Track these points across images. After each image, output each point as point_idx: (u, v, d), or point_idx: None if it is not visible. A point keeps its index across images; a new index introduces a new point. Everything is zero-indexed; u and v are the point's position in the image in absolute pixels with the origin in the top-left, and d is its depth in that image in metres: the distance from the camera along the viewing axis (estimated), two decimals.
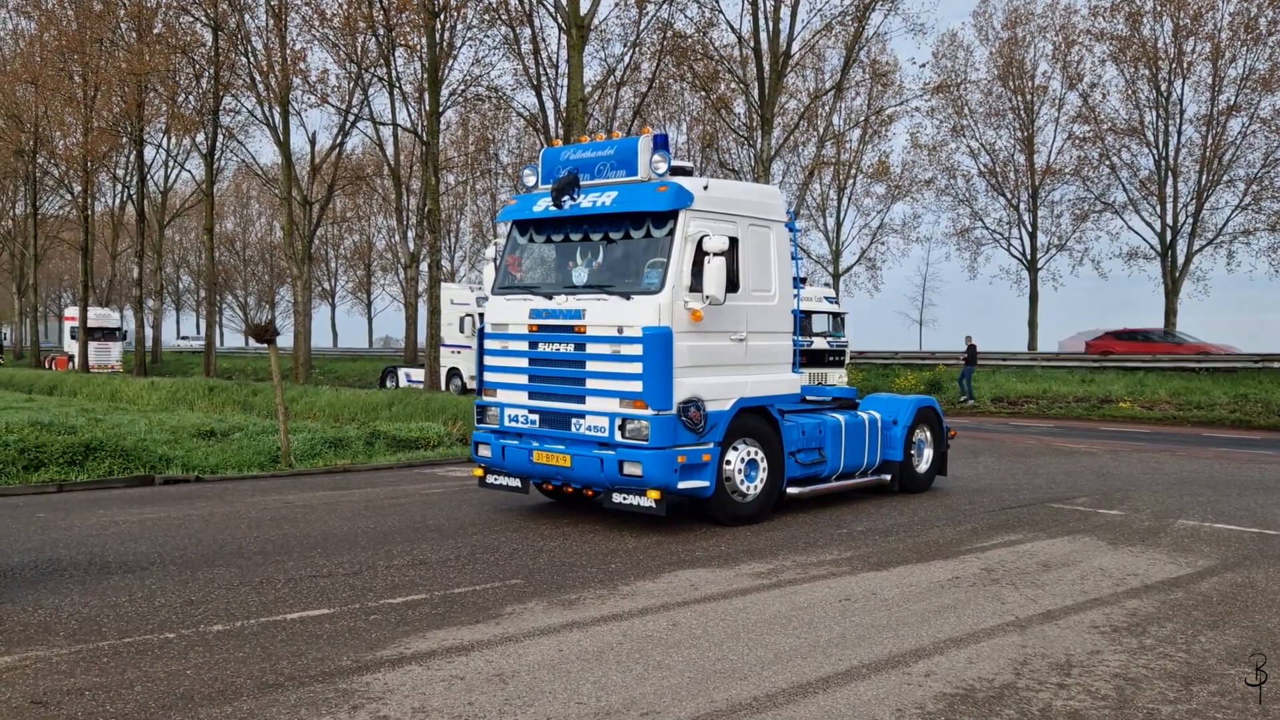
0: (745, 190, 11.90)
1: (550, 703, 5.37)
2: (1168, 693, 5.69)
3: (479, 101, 37.15)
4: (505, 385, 10.81)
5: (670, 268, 9.75)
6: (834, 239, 49.90)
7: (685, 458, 9.73)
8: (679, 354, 9.71)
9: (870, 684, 5.73)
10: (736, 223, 10.41)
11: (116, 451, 13.75)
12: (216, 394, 26.11)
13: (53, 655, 6.04)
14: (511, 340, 10.73)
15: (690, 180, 10.10)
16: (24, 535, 9.55)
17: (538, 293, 10.58)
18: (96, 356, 46.48)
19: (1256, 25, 37.44)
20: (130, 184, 46.38)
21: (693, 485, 9.85)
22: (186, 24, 37.41)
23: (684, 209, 9.86)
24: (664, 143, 10.31)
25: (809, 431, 11.37)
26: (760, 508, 10.66)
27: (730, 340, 10.32)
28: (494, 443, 10.86)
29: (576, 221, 10.44)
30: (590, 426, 9.99)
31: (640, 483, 9.64)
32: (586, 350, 10.05)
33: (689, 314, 9.79)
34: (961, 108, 45.67)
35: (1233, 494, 13.34)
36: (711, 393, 10.02)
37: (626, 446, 9.70)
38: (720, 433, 10.12)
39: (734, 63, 35.88)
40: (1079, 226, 44.45)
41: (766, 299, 10.78)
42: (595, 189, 10.36)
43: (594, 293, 10.12)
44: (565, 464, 10.13)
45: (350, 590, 7.63)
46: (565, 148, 11.06)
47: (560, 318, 10.24)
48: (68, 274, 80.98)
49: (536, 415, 10.47)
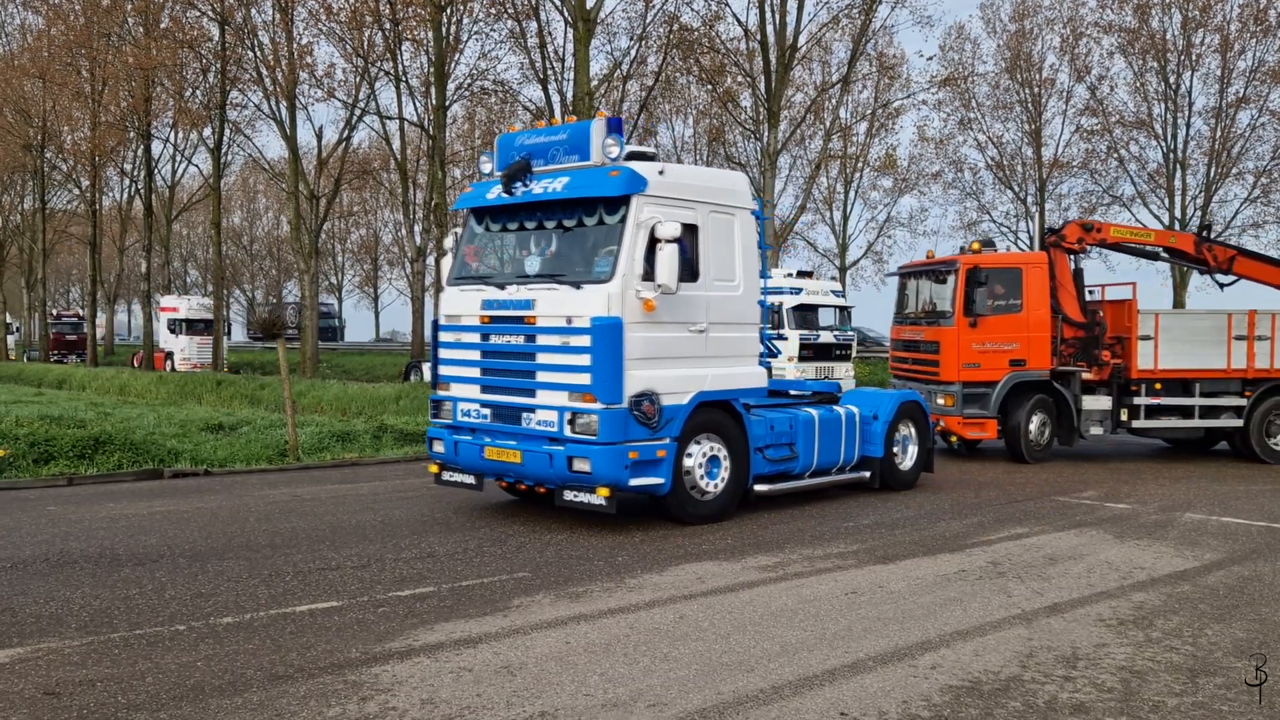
0: (706, 176, 11.45)
1: (558, 694, 5.40)
2: (1173, 685, 5.70)
3: (485, 95, 37.14)
4: (459, 379, 10.44)
5: (621, 255, 9.39)
6: (841, 232, 49.86)
7: (637, 453, 9.35)
8: (631, 345, 9.34)
9: (876, 676, 5.74)
10: (696, 209, 10.06)
11: (126, 445, 13.80)
12: (224, 388, 26.18)
13: (64, 647, 6.09)
14: (465, 332, 10.36)
15: (644, 165, 9.74)
16: (35, 528, 9.61)
17: (491, 283, 10.25)
18: (198, 354, 41.20)
19: (1266, 17, 37.24)
20: (138, 178, 46.40)
21: (646, 482, 9.49)
22: (193, 18, 37.42)
23: (637, 194, 9.50)
24: (618, 126, 9.97)
25: (779, 427, 10.96)
26: (723, 506, 10.25)
27: (689, 331, 9.94)
28: (447, 438, 10.46)
29: (530, 209, 10.10)
30: (540, 421, 9.62)
31: (589, 479, 9.27)
32: (537, 342, 9.70)
33: (641, 304, 9.40)
34: (969, 101, 45.51)
35: (1240, 487, 13.32)
36: (667, 386, 9.65)
37: (576, 442, 9.34)
38: (677, 428, 9.73)
39: (740, 56, 35.80)
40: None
41: (730, 289, 10.39)
42: (548, 175, 10.04)
43: (545, 282, 9.77)
44: (516, 460, 9.74)
45: (359, 583, 7.67)
46: (521, 133, 10.70)
47: (511, 308, 9.89)
48: (76, 268, 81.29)
49: (489, 410, 10.11)
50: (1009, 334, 15.37)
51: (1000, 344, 15.36)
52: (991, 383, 15.32)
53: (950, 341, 15.46)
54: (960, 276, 15.35)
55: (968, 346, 15.32)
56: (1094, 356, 15.74)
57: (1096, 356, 15.73)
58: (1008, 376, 15.34)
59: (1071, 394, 15.64)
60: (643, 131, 42.90)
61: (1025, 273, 15.57)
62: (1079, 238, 16.06)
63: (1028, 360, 15.41)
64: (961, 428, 15.38)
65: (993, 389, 15.29)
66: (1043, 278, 15.58)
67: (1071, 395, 15.64)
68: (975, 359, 15.34)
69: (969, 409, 15.32)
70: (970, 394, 15.34)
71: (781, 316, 24.21)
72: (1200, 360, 15.81)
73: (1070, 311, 15.71)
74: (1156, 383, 15.78)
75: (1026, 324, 15.42)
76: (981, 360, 15.34)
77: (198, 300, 45.01)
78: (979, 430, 15.38)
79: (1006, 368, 15.35)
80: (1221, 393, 15.96)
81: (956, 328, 15.35)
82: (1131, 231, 17.75)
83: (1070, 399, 15.62)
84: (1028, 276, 15.53)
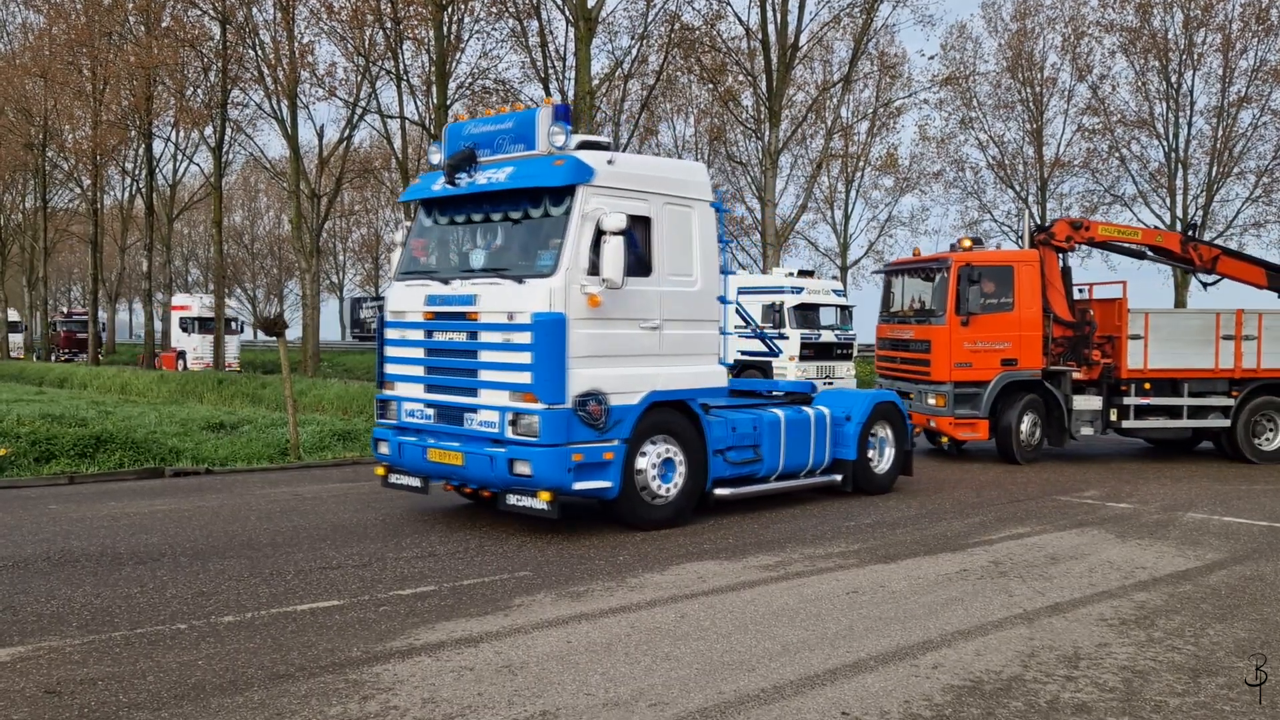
0: (661, 166, 10.87)
1: (559, 694, 5.39)
2: (1175, 685, 5.70)
3: (486, 94, 37.10)
4: (404, 378, 10.06)
5: (565, 248, 8.98)
6: (842, 232, 49.88)
7: (582, 456, 8.94)
8: (575, 342, 8.95)
9: (878, 676, 5.74)
10: (649, 201, 9.67)
11: (127, 444, 13.81)
12: (225, 387, 26.19)
13: (65, 645, 6.09)
14: (409, 329, 9.98)
15: (591, 154, 9.35)
16: (36, 527, 9.61)
17: (436, 277, 9.87)
18: (210, 353, 40.14)
19: (1268, 16, 37.19)
20: (139, 177, 46.43)
21: (592, 486, 9.10)
22: (194, 17, 37.42)
23: (582, 184, 9.09)
24: (565, 113, 9.62)
25: (742, 428, 10.54)
26: (678, 511, 9.83)
27: (640, 328, 9.53)
28: (392, 439, 10.08)
29: (476, 200, 9.75)
30: (483, 422, 9.21)
31: (530, 483, 8.87)
32: (479, 339, 9.31)
33: (586, 299, 9.00)
34: (970, 100, 45.48)
35: (1242, 487, 13.32)
36: (616, 385, 9.22)
37: (517, 444, 8.93)
38: (628, 429, 9.31)
39: (742, 55, 35.77)
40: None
41: (686, 284, 9.99)
42: (493, 165, 9.70)
43: (489, 276, 9.39)
44: (459, 462, 9.33)
45: (360, 582, 7.67)
46: (469, 122, 10.35)
47: (454, 304, 9.51)
48: (77, 267, 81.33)
49: (433, 410, 9.72)
50: (1001, 333, 15.23)
51: (992, 343, 15.20)
52: (983, 382, 15.15)
53: (942, 340, 15.26)
54: (952, 274, 15.13)
55: (959, 345, 15.13)
56: (1084, 356, 15.65)
57: (1086, 356, 15.65)
58: (999, 376, 15.18)
59: (1063, 394, 15.54)
60: (644, 131, 42.95)
61: (1017, 270, 15.42)
62: (1068, 236, 15.95)
63: (1019, 360, 15.27)
64: (953, 428, 15.23)
65: (984, 389, 15.12)
66: (1034, 276, 15.46)
67: (1063, 395, 15.53)
68: (967, 358, 15.15)
69: (960, 409, 15.14)
70: (961, 394, 15.16)
71: (783, 315, 24.23)
72: (1189, 360, 15.70)
73: (1059, 310, 15.61)
74: (1146, 382, 15.68)
75: (1018, 323, 15.29)
76: (973, 360, 15.16)
77: (210, 299, 44.15)
78: (970, 431, 15.23)
79: (998, 367, 15.20)
80: (1209, 393, 15.87)
81: (948, 326, 15.12)
82: (1119, 230, 17.69)
83: (1061, 399, 15.51)
84: (1019, 274, 15.39)
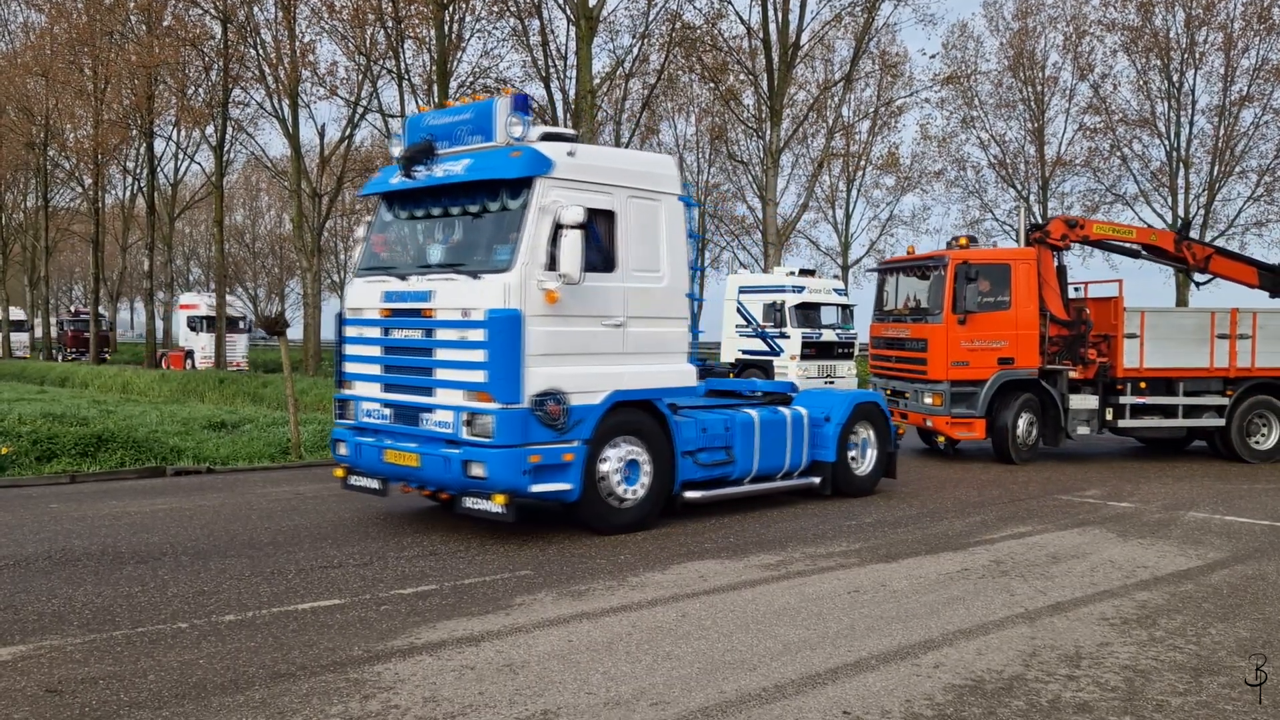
0: (626, 158, 10.60)
1: (560, 693, 5.39)
2: (1177, 684, 5.69)
3: (488, 93, 37.14)
4: (361, 377, 9.78)
5: (522, 243, 8.72)
6: (843, 231, 49.84)
7: (540, 457, 8.67)
8: (533, 340, 8.68)
9: (879, 675, 5.74)
10: (613, 194, 9.41)
11: (128, 443, 13.81)
12: (227, 386, 26.21)
13: (67, 644, 6.09)
14: (367, 327, 9.71)
15: (551, 145, 9.09)
16: (37, 526, 9.62)
17: (394, 273, 9.64)
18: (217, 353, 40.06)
19: (1269, 15, 37.15)
20: (140, 176, 46.44)
21: (551, 488, 8.83)
22: (196, 17, 37.43)
23: (540, 176, 8.83)
24: (523, 104, 9.33)
25: (713, 429, 10.29)
26: (643, 514, 9.56)
27: (603, 326, 9.27)
28: (350, 440, 9.80)
29: (434, 193, 9.50)
30: (438, 422, 8.96)
31: (485, 485, 8.62)
32: (435, 336, 9.04)
33: (544, 295, 8.75)
34: (971, 99, 45.44)
35: (1244, 486, 13.30)
36: (577, 384, 8.96)
37: (472, 444, 8.66)
38: (589, 430, 9.05)
39: (743, 54, 35.77)
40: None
41: (652, 280, 9.72)
42: (451, 157, 9.47)
43: (445, 272, 9.16)
44: (415, 464, 9.07)
45: (361, 580, 7.67)
46: (428, 114, 10.18)
47: (410, 300, 9.26)
48: (78, 266, 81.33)
49: (390, 410, 9.45)
50: (997, 331, 15.14)
51: (989, 342, 15.10)
52: (980, 381, 15.05)
53: (939, 339, 15.14)
54: (949, 272, 15.00)
55: (956, 344, 15.00)
56: (1080, 355, 15.58)
57: (1082, 355, 15.57)
58: (996, 375, 15.10)
59: (1059, 393, 15.47)
60: (645, 130, 42.93)
61: (1014, 269, 15.34)
62: (1063, 234, 15.86)
63: (1016, 359, 15.19)
64: (949, 428, 15.13)
65: (981, 388, 15.02)
66: (1031, 274, 15.38)
67: (1059, 395, 15.46)
68: (964, 357, 15.04)
69: (957, 408, 15.05)
70: (958, 393, 15.06)
71: (784, 315, 24.25)
72: (1184, 359, 15.62)
73: (1054, 309, 15.53)
74: (1141, 381, 15.61)
75: (1015, 321, 15.21)
76: (970, 358, 15.06)
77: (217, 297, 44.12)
78: (967, 430, 15.13)
79: (995, 366, 15.12)
80: (1204, 392, 15.81)
81: (945, 325, 15.00)
82: (1114, 229, 17.66)
83: (1058, 398, 15.44)
84: (1016, 272, 15.31)
